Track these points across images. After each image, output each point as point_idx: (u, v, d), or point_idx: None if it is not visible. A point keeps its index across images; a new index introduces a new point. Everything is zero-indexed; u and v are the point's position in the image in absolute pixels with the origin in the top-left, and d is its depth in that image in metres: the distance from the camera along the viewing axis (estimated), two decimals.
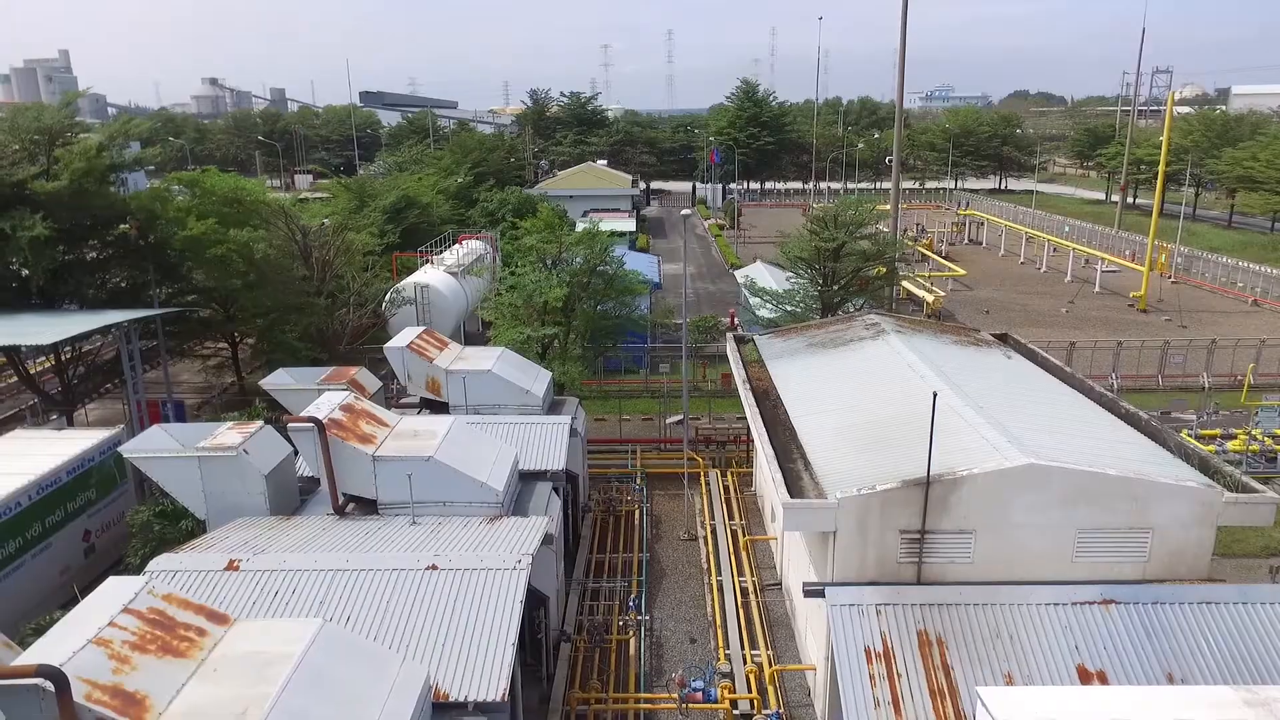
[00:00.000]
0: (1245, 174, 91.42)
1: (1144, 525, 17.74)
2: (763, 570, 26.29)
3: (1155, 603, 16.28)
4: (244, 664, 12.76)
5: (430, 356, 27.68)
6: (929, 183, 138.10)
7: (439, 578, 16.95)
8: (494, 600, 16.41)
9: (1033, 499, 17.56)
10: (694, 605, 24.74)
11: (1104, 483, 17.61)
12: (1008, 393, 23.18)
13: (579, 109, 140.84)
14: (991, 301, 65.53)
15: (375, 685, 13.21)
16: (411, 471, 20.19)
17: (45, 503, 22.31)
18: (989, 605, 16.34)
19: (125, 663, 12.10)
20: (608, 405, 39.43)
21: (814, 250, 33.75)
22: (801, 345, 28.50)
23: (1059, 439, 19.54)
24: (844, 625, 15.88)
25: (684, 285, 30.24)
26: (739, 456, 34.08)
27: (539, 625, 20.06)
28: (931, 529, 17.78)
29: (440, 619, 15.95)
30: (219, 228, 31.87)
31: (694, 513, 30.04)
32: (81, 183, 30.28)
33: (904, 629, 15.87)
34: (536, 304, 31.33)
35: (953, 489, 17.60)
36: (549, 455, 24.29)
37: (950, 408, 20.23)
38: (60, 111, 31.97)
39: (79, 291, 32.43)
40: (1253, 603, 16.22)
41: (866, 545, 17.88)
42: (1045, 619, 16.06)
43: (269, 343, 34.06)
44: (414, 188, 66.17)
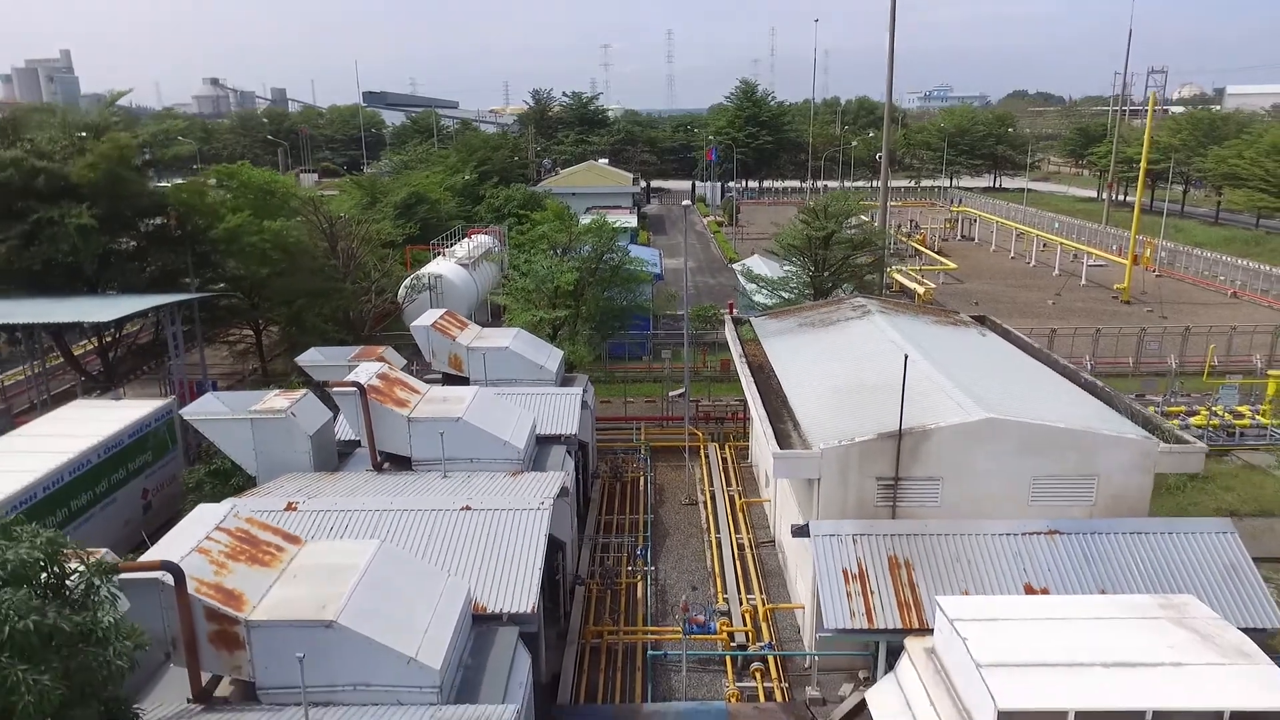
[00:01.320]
0: (1230, 171, 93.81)
1: (1090, 472, 20.22)
2: (757, 530, 28.72)
3: (1093, 533, 18.77)
4: (318, 572, 15.21)
5: (452, 335, 30.14)
6: (925, 181, 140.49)
7: (473, 516, 19.40)
8: (521, 534, 18.87)
9: (992, 449, 20.03)
10: (695, 559, 27.19)
11: (1054, 435, 20.09)
12: (977, 363, 25.66)
13: (581, 109, 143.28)
14: (981, 294, 67.89)
15: (427, 593, 15.67)
16: (443, 431, 22.66)
17: (111, 461, 24.78)
18: (950, 535, 18.82)
19: (223, 567, 14.56)
20: (614, 389, 41.83)
21: (805, 239, 36.29)
22: (793, 325, 30.97)
23: (1018, 400, 22.02)
24: (825, 552, 18.37)
25: (684, 264, 32.65)
26: (736, 432, 36.51)
27: (557, 569, 22.49)
28: (904, 476, 20.26)
29: (475, 548, 18.42)
30: (253, 219, 34.33)
31: (694, 481, 32.47)
32: (117, 171, 32.69)
33: (877, 555, 18.36)
34: (548, 289, 33.77)
35: (922, 440, 20.07)
36: (563, 421, 26.76)
37: (924, 374, 22.72)
38: (104, 110, 34.43)
39: (122, 278, 34.83)
40: (1177, 533, 18.73)
41: (847, 490, 20.36)
42: (998, 547, 18.55)
43: (297, 326, 36.44)
44: (424, 185, 68.61)
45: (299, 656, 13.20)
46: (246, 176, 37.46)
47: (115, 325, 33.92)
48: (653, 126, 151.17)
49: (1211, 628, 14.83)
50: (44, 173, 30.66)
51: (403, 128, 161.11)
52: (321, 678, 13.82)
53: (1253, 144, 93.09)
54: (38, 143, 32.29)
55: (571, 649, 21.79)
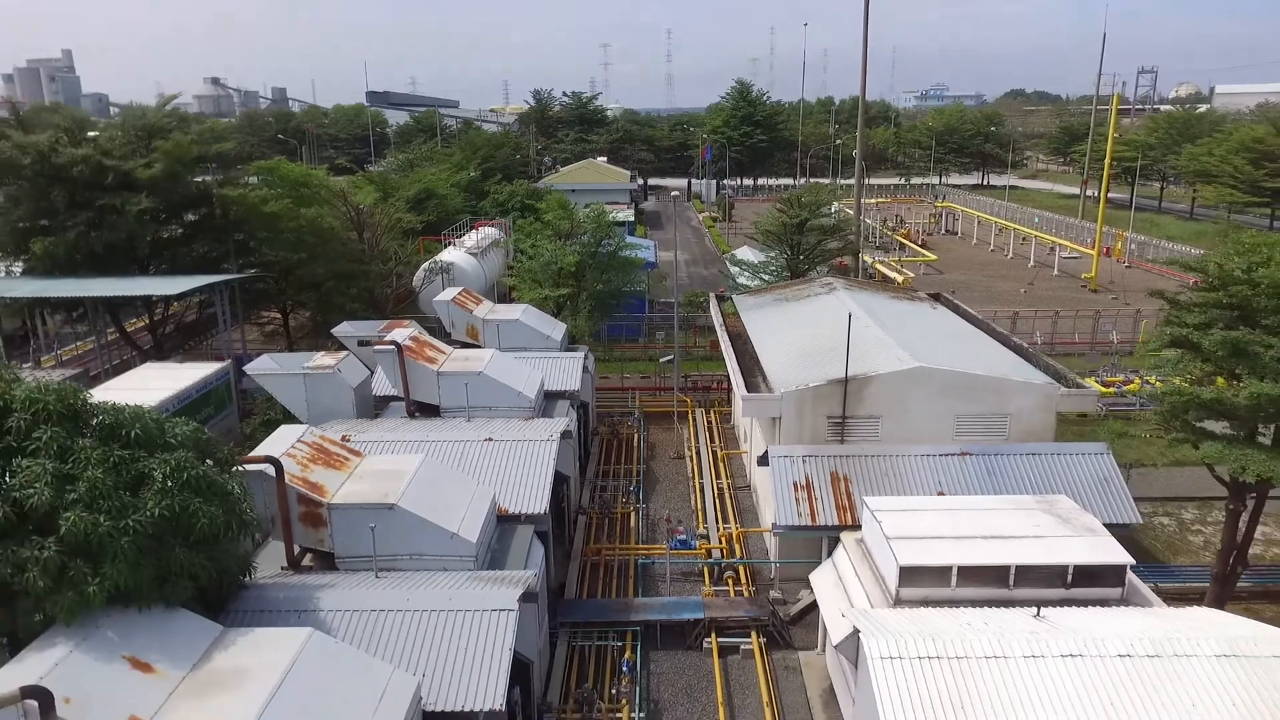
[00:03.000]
0: (1202, 169, 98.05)
1: (1004, 411, 24.53)
2: (735, 478, 32.98)
3: (997, 454, 23.09)
4: (378, 475, 19.50)
5: (470, 308, 34.41)
6: (915, 178, 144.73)
7: (494, 446, 23.70)
8: (534, 458, 23.17)
9: (922, 392, 24.34)
10: (681, 500, 31.47)
11: (974, 381, 24.41)
12: (922, 328, 29.97)
13: (580, 108, 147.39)
14: (958, 283, 71.99)
15: (463, 492, 19.96)
16: (467, 383, 26.94)
17: (186, 409, 29.00)
18: (881, 456, 23.14)
19: (307, 467, 18.85)
20: (612, 367, 46.10)
21: (781, 225, 40.58)
22: (769, 300, 35.28)
23: (949, 355, 26.33)
24: (779, 469, 22.69)
25: (674, 243, 36.89)
26: (721, 399, 40.79)
27: (563, 500, 26.77)
28: (850, 415, 24.57)
29: (497, 468, 22.71)
30: (291, 207, 38.59)
31: (682, 440, 36.75)
32: (174, 168, 36.96)
33: (821, 471, 22.67)
34: (552, 270, 38.05)
35: (864, 385, 24.39)
36: (567, 380, 31.03)
37: (873, 335, 27.06)
38: (159, 112, 38.70)
39: (170, 261, 39.05)
40: (1063, 454, 23.08)
41: (803, 427, 24.67)
42: (920, 465, 22.86)
43: (326, 306, 40.62)
44: (433, 181, 72.81)
45: (371, 527, 17.56)
46: (284, 171, 41.74)
47: (166, 303, 38.19)
48: (651, 125, 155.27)
49: (1072, 515, 19.13)
50: (111, 170, 34.87)
51: (406, 127, 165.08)
52: (384, 549, 18.11)
53: (1223, 142, 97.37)
54: (101, 141, 36.52)
55: (575, 563, 26.10)
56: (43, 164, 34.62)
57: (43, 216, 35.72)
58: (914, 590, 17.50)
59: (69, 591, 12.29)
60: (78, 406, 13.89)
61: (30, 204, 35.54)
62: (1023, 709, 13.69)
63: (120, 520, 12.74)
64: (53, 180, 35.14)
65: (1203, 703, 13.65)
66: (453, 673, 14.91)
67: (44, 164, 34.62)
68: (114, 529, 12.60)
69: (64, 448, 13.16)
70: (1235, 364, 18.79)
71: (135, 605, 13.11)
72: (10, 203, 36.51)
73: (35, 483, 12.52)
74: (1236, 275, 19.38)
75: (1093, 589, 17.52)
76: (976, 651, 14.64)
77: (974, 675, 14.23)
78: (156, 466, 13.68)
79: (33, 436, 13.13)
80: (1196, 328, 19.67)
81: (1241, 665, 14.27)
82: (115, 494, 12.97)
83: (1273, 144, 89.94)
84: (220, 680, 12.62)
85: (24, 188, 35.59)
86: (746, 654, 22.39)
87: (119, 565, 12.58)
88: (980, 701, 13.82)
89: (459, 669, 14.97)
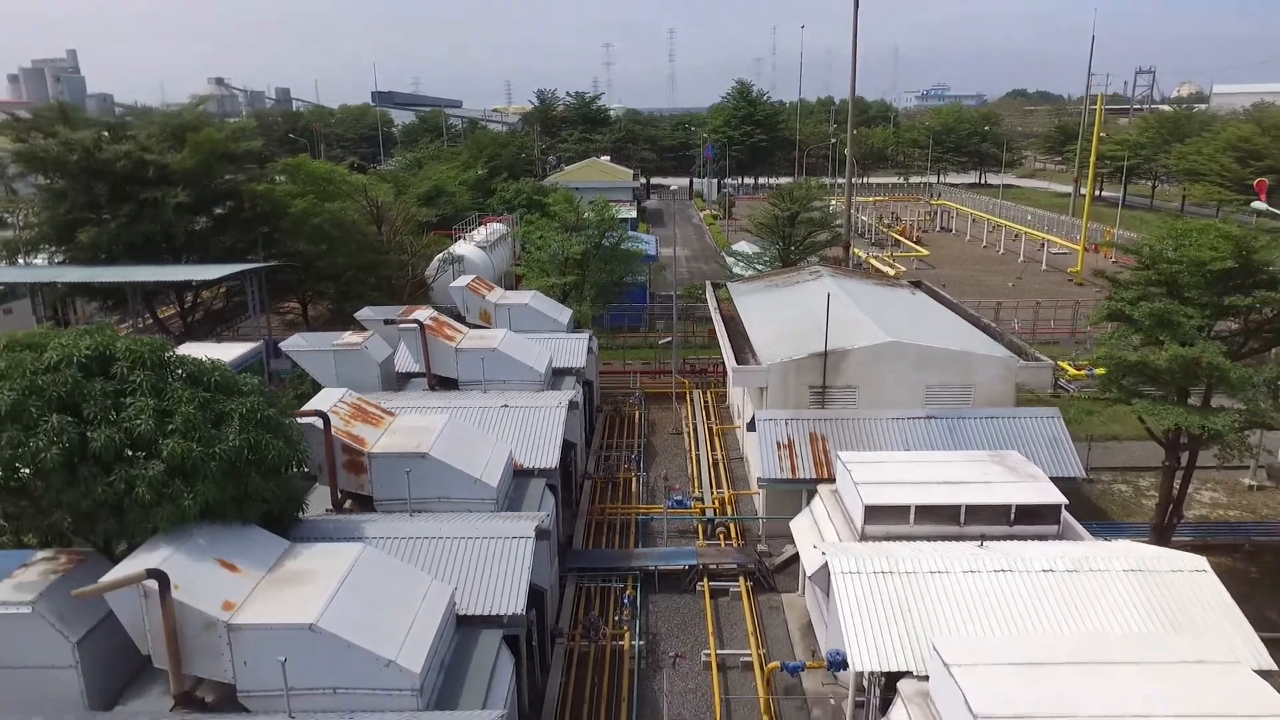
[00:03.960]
0: (1191, 167, 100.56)
1: (969, 382, 27.19)
2: (729, 451, 35.64)
3: (959, 417, 25.76)
4: (410, 430, 22.20)
5: (483, 294, 37.12)
6: (913, 177, 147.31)
7: (510, 411, 26.40)
8: (545, 422, 25.86)
9: (894, 365, 27.00)
10: (678, 469, 34.15)
11: (941, 354, 27.07)
12: (899, 310, 32.65)
13: (583, 108, 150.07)
14: (949, 277, 74.59)
15: (485, 447, 22.65)
16: (483, 357, 29.64)
17: None
18: (855, 420, 25.82)
19: (348, 422, 21.56)
20: (615, 354, 48.80)
21: (773, 218, 43.25)
22: (760, 287, 37.97)
23: (922, 332, 28.99)
24: (765, 430, 25.38)
25: (673, 235, 39.56)
26: (717, 381, 43.47)
27: (570, 465, 29.44)
28: (829, 385, 27.24)
29: (513, 429, 25.40)
30: (317, 201, 41.32)
31: (680, 417, 39.43)
32: (207, 160, 39.70)
33: (802, 432, 25.35)
34: (559, 259, 40.74)
35: (843, 358, 27.05)
36: (573, 358, 33.72)
37: (852, 315, 29.73)
38: (193, 110, 41.47)
39: (201, 251, 41.80)
40: (1018, 417, 25.75)
41: (787, 396, 27.34)
42: (889, 427, 25.54)
43: (347, 294, 43.35)
44: (442, 178, 75.59)
45: (406, 472, 20.28)
46: (309, 168, 44.48)
47: (196, 291, 40.92)
48: (653, 125, 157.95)
49: (1019, 465, 21.79)
50: (151, 164, 37.62)
51: (412, 126, 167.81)
52: (417, 493, 20.81)
53: (1210, 141, 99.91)
54: (141, 138, 39.27)
55: (581, 520, 28.80)
56: (88, 159, 37.36)
57: (87, 208, 38.46)
58: (877, 527, 20.17)
59: (169, 505, 14.98)
60: (166, 356, 16.61)
61: (76, 197, 38.27)
62: (959, 610, 16.37)
63: (209, 448, 15.44)
64: (96, 175, 37.90)
65: (1108, 604, 16.33)
66: (480, 586, 17.60)
67: (89, 159, 37.36)
68: (204, 454, 15.30)
69: (158, 389, 15.87)
70: (1160, 332, 21.41)
71: (219, 521, 15.81)
72: (55, 196, 39.24)
73: (140, 415, 15.22)
74: (1166, 255, 22.02)
75: (1032, 526, 20.17)
76: (923, 568, 17.32)
77: (920, 585, 16.91)
78: (234, 407, 16.39)
79: (131, 380, 15.82)
80: (1130, 302, 22.32)
81: (1143, 578, 16.95)
82: (204, 427, 15.67)
83: (1258, 143, 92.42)
84: (292, 579, 15.31)
85: (69, 182, 38.32)
86: (735, 596, 25.06)
87: (208, 485, 15.28)
88: (924, 605, 16.50)
89: (485, 583, 17.67)
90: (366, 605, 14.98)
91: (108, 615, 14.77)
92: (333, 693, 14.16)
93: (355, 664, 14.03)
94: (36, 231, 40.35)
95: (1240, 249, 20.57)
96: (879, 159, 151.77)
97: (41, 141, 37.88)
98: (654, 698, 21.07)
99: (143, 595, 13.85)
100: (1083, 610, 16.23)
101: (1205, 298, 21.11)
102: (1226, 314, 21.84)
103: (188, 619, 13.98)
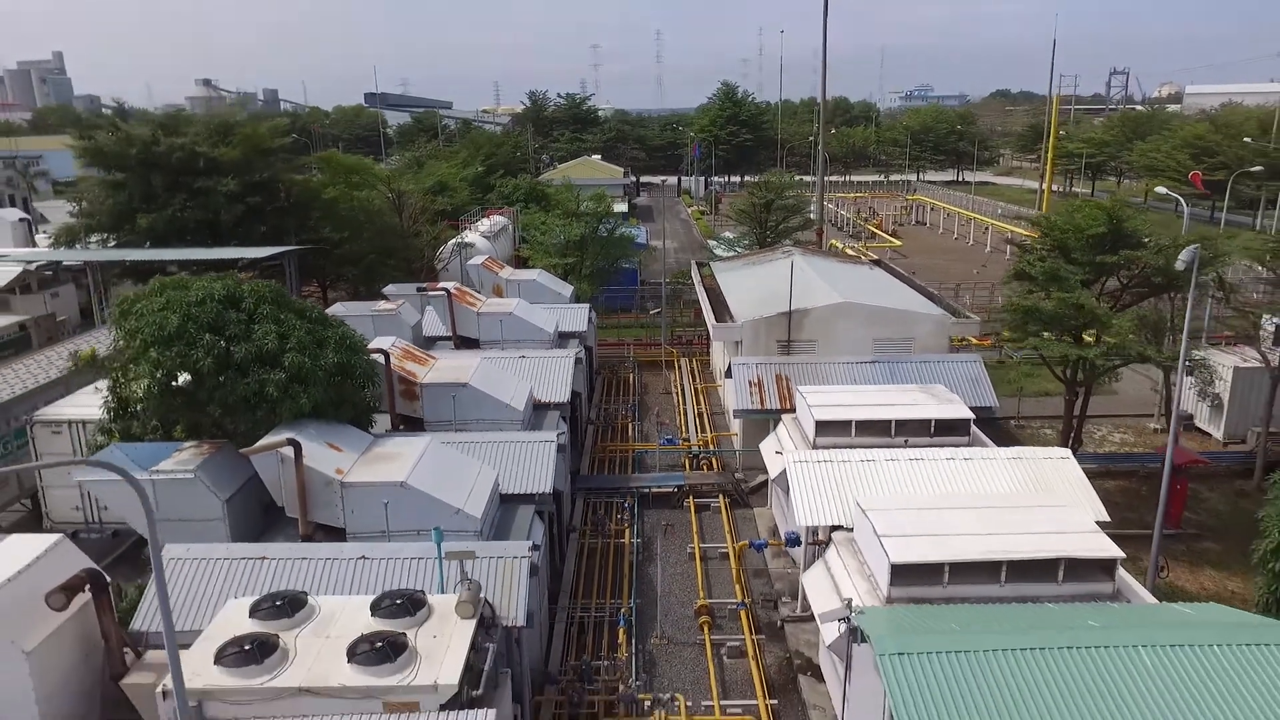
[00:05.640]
0: (1150, 164, 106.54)
1: (909, 336, 32.62)
2: (712, 406, 40.98)
3: (897, 362, 31.18)
4: (450, 368, 27.45)
5: (495, 271, 42.43)
6: (894, 175, 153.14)
7: (528, 360, 31.68)
8: (557, 368, 31.16)
9: (846, 322, 32.40)
10: (668, 420, 39.48)
11: (887, 312, 32.50)
12: (857, 281, 38.11)
13: (574, 109, 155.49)
14: (920, 266, 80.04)
15: (511, 380, 27.94)
16: (501, 320, 34.91)
17: None
18: (814, 364, 31.21)
19: (401, 360, 26.78)
20: (610, 332, 54.13)
21: (751, 205, 48.68)
22: (739, 265, 43.40)
23: (872, 296, 34.43)
24: (739, 372, 30.76)
25: (662, 225, 44.87)
26: (701, 352, 48.84)
27: (576, 412, 34.67)
28: (794, 339, 32.61)
29: (531, 373, 30.65)
30: (346, 191, 46.45)
31: (669, 380, 44.77)
32: (250, 154, 44.77)
33: (769, 374, 30.72)
34: (561, 241, 46.06)
35: (804, 316, 32.44)
36: (577, 322, 39.05)
37: (816, 284, 35.13)
38: (236, 109, 46.50)
39: (245, 235, 46.80)
40: (946, 361, 31.19)
41: (758, 349, 32.70)
42: (841, 370, 30.94)
43: (371, 276, 48.41)
44: (445, 174, 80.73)
45: (452, 397, 25.55)
46: (338, 161, 49.61)
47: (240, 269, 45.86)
48: (642, 125, 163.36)
49: (941, 394, 27.19)
50: (201, 155, 42.65)
51: (407, 127, 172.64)
52: (461, 415, 26.05)
53: (1169, 139, 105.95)
54: (194, 133, 44.27)
55: (587, 456, 34.11)
56: (146, 153, 42.36)
57: (145, 197, 43.41)
58: (826, 439, 25.50)
59: (289, 402, 20.18)
60: (282, 295, 21.82)
61: (134, 187, 43.21)
62: (881, 484, 21.74)
63: (316, 362, 20.66)
64: (152, 167, 42.87)
65: (992, 478, 21.76)
66: (517, 474, 22.86)
67: (147, 153, 42.36)
68: (314, 366, 20.52)
69: (277, 318, 21.08)
70: (1052, 286, 26.82)
71: (324, 418, 21.02)
72: (114, 187, 44.15)
73: (267, 336, 20.43)
74: (1058, 225, 27.46)
75: (948, 437, 25.52)
76: (856, 458, 22.70)
77: (853, 469, 22.27)
78: (330, 334, 21.63)
79: (258, 311, 21.03)
80: (1031, 264, 27.75)
81: (1021, 463, 22.37)
82: (312, 347, 20.90)
83: (1211, 140, 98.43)
84: (381, 457, 20.56)
85: (129, 174, 43.27)
86: (715, 510, 30.41)
87: (317, 389, 20.50)
88: (855, 481, 21.85)
89: (521, 473, 22.93)
90: (438, 474, 20.23)
91: (246, 482, 20.00)
92: (416, 534, 19.38)
93: (433, 511, 19.26)
94: (95, 220, 45.26)
95: (1111, 218, 26.01)
96: (860, 157, 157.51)
97: (104, 138, 42.85)
98: (650, 578, 26.39)
99: (280, 460, 19.07)
100: (973, 482, 21.64)
101: (1085, 257, 26.55)
102: (1102, 270, 27.28)
103: (312, 478, 19.22)
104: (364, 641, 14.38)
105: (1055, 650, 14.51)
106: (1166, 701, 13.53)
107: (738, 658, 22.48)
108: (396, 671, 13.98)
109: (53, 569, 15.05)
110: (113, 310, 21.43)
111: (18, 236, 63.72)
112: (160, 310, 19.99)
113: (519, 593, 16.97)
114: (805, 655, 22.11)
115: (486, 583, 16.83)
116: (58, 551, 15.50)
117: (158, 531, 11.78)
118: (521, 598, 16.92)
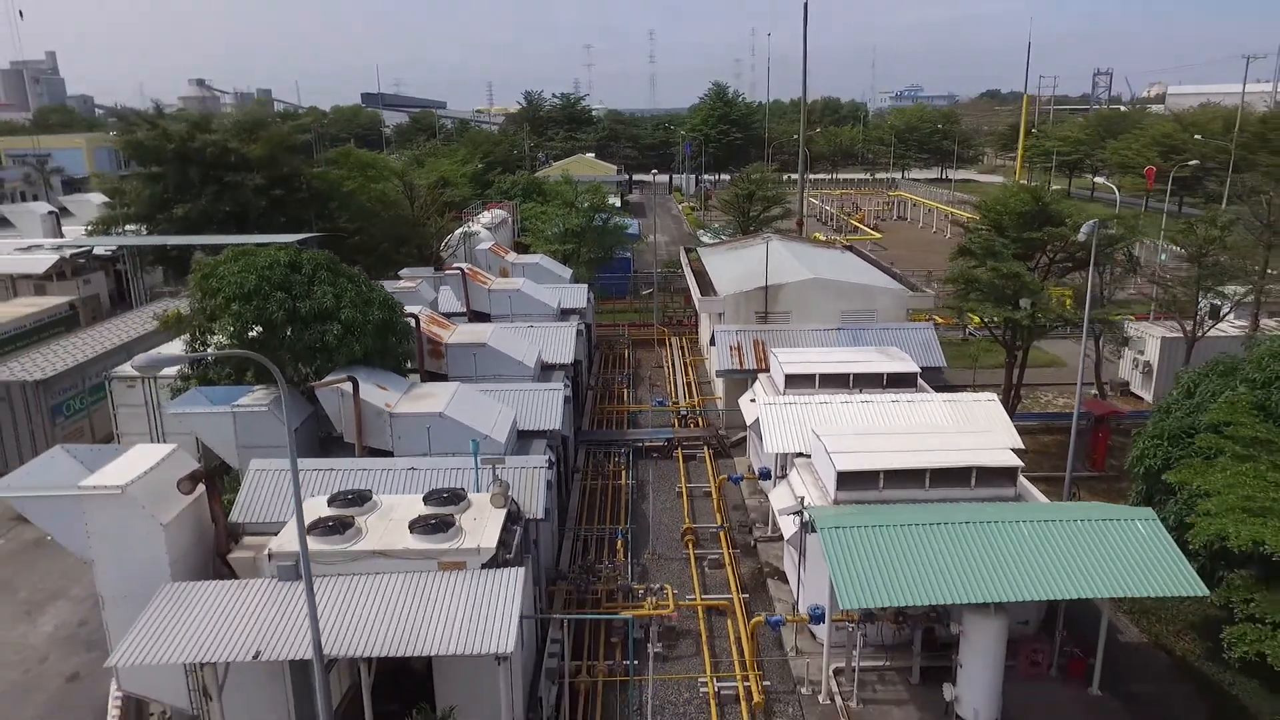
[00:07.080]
0: (1122, 161, 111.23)
1: (872, 308, 36.95)
2: (699, 377, 45.26)
3: (859, 329, 35.50)
4: (469, 332, 31.68)
5: (502, 255, 46.67)
6: (880, 173, 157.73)
7: (536, 330, 35.90)
8: (561, 336, 35.39)
9: (817, 295, 36.72)
10: (660, 384, 43.75)
11: (852, 287, 36.85)
12: (829, 262, 42.46)
13: (569, 108, 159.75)
14: (897, 257, 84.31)
15: (522, 343, 32.16)
16: (510, 296, 39.14)
17: None
18: (787, 330, 35.54)
19: (428, 325, 30.98)
20: (606, 317, 58.39)
21: (735, 196, 53.02)
22: (723, 250, 47.74)
23: (841, 274, 38.76)
24: (722, 338, 35.06)
25: (653, 217, 49.07)
26: (690, 332, 53.13)
27: (578, 377, 38.88)
28: (770, 311, 36.90)
29: (539, 340, 34.85)
30: (364, 184, 50.57)
31: (661, 356, 49.05)
32: (275, 151, 48.87)
33: (748, 339, 35.03)
34: (560, 230, 50.31)
35: (779, 290, 36.76)
36: (578, 300, 43.26)
37: (791, 265, 39.45)
38: (259, 109, 50.57)
39: (269, 225, 50.86)
40: (901, 329, 35.54)
41: (739, 318, 37.00)
42: (810, 335, 35.27)
43: (385, 263, 52.50)
44: (448, 171, 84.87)
45: (473, 355, 29.78)
46: (355, 156, 53.76)
47: None
48: (635, 124, 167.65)
49: (895, 354, 31.51)
50: (233, 151, 46.72)
51: (405, 126, 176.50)
52: (480, 370, 30.26)
53: (1139, 138, 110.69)
54: (224, 131, 48.32)
55: (586, 416, 38.36)
56: (182, 147, 46.40)
57: (180, 188, 47.44)
58: (793, 389, 29.77)
59: (344, 350, 24.35)
60: (335, 262, 26.02)
61: (171, 180, 47.23)
62: (837, 420, 26.04)
63: (366, 317, 24.85)
64: (187, 161, 46.92)
65: (929, 416, 26.08)
66: (531, 414, 27.08)
67: (183, 148, 46.40)
68: (364, 320, 24.71)
69: (332, 281, 25.25)
70: (987, 259, 31.18)
71: (372, 365, 25.20)
72: (151, 179, 48.14)
73: (325, 296, 24.60)
74: (995, 206, 31.85)
75: (898, 390, 29.80)
76: (817, 401, 27.00)
77: (814, 410, 26.55)
78: (376, 294, 25.84)
79: (316, 275, 25.21)
80: (972, 240, 32.11)
81: (954, 405, 26.73)
82: (361, 305, 25.08)
83: (1179, 138, 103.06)
84: (420, 396, 24.77)
85: (166, 167, 47.29)
86: (700, 461, 34.69)
87: (366, 339, 24.69)
88: (814, 417, 26.13)
89: (534, 413, 27.15)
90: (468, 409, 24.45)
91: (307, 418, 24.19)
92: (451, 455, 23.58)
93: (465, 437, 23.39)
94: (133, 210, 49.28)
95: (1036, 198, 30.41)
96: (848, 156, 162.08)
97: (144, 133, 46.89)
98: (643, 511, 30.66)
99: (341, 395, 23.27)
100: (913, 419, 25.97)
101: (1015, 233, 30.92)
102: (1031, 245, 31.65)
103: (366, 409, 23.42)
104: (421, 519, 18.60)
105: (956, 524, 18.91)
106: (1035, 553, 17.91)
107: (717, 569, 26.76)
108: (449, 540, 18.19)
109: (174, 467, 19.22)
110: (194, 274, 25.58)
111: (47, 228, 67.89)
112: (239, 273, 24.15)
113: (539, 493, 21.21)
114: (774, 565, 26.41)
115: (512, 486, 21.06)
116: (176, 455, 19.67)
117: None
118: (540, 497, 21.18)
